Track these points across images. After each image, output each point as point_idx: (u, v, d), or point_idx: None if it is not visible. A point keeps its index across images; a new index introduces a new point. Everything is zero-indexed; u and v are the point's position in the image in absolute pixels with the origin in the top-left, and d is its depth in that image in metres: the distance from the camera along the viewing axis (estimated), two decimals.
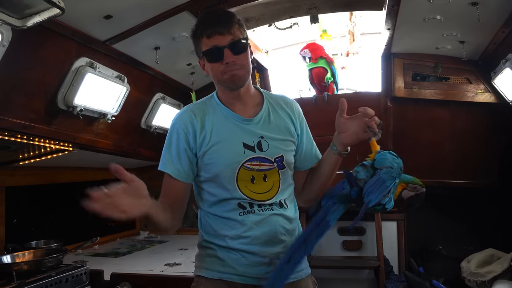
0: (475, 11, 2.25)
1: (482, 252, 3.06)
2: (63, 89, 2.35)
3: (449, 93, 3.27)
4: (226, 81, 1.41)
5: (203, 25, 1.41)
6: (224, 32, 1.37)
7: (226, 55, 1.37)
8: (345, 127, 1.38)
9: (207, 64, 1.43)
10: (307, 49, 3.58)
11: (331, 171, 1.49)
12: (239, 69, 1.39)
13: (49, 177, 3.22)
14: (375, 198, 1.23)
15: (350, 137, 1.38)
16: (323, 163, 1.51)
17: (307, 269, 1.51)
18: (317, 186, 1.55)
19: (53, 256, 2.31)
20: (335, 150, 1.43)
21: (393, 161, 1.32)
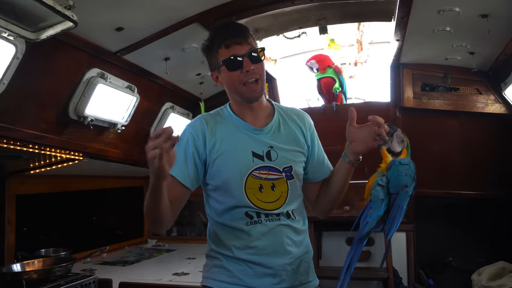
0: (485, 23, 2.24)
1: (494, 264, 3.01)
2: (75, 100, 2.38)
3: (459, 103, 3.25)
4: (245, 93, 1.43)
5: (219, 36, 1.44)
6: (242, 42, 1.41)
7: (246, 63, 1.39)
8: (355, 136, 1.39)
9: (226, 74, 1.44)
10: (314, 60, 3.59)
11: (344, 181, 1.48)
12: (257, 80, 1.41)
13: (59, 186, 3.25)
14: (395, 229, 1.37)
15: (361, 146, 1.38)
16: (335, 173, 1.50)
17: (314, 281, 1.50)
18: (331, 197, 1.54)
19: (63, 265, 2.33)
20: (347, 160, 1.42)
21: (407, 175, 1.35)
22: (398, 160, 1.38)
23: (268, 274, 1.38)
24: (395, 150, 1.41)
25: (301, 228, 1.48)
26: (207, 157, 1.44)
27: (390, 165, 1.38)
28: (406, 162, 1.38)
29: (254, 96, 1.44)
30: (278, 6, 2.49)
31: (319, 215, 1.62)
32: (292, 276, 1.41)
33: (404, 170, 1.35)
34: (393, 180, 1.36)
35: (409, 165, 1.37)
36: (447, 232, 3.58)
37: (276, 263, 1.38)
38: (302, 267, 1.45)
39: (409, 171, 1.36)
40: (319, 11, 2.77)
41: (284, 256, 1.40)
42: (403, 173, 1.35)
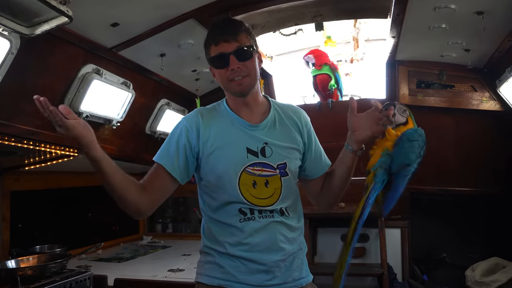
0: (481, 20, 2.25)
1: (487, 260, 3.04)
2: (70, 96, 2.37)
3: (454, 100, 3.26)
4: (232, 88, 1.45)
5: (211, 33, 1.47)
6: (230, 40, 1.41)
7: (232, 61, 1.40)
8: (357, 124, 1.39)
9: (215, 71, 1.48)
10: (312, 54, 3.59)
11: (348, 172, 1.48)
12: (244, 76, 1.42)
13: (54, 182, 3.24)
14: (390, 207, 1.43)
15: (365, 133, 1.38)
16: (339, 165, 1.50)
17: (308, 277, 1.51)
18: (336, 189, 1.54)
19: (57, 262, 2.33)
20: (350, 149, 1.43)
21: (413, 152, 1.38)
22: (407, 135, 1.40)
23: (261, 270, 1.39)
24: (400, 121, 1.44)
25: (295, 225, 1.49)
26: (200, 150, 1.44)
27: (397, 142, 1.40)
28: (414, 137, 1.39)
29: (240, 91, 1.44)
30: (274, 2, 2.49)
31: (323, 208, 1.64)
32: (285, 273, 1.42)
33: (410, 147, 1.37)
34: (397, 158, 1.38)
35: (418, 141, 1.39)
36: (442, 228, 3.61)
37: (269, 260, 1.39)
38: (295, 264, 1.45)
39: (416, 148, 1.38)
40: (315, 8, 2.76)
41: (277, 252, 1.41)
42: (408, 151, 1.37)
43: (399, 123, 1.45)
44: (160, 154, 1.46)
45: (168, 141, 1.47)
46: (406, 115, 1.47)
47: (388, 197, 1.43)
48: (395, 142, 1.41)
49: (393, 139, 1.42)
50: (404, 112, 1.47)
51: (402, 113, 1.46)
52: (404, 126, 1.45)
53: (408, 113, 1.48)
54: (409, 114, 1.48)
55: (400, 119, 1.45)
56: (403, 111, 1.47)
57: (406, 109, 1.48)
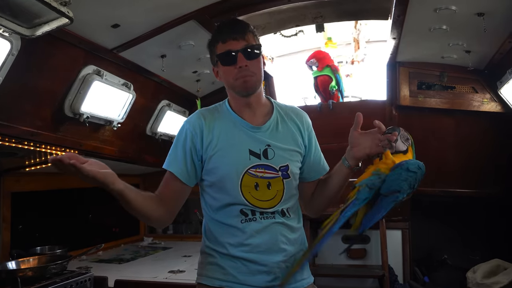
0: (481, 21, 2.25)
1: (488, 262, 3.04)
2: (70, 97, 2.37)
3: (455, 102, 3.26)
4: (237, 86, 1.44)
5: (218, 31, 1.46)
6: (238, 38, 1.41)
7: (240, 59, 1.40)
8: (358, 141, 1.39)
9: (221, 68, 1.46)
10: (314, 58, 3.58)
11: (341, 184, 1.48)
12: (251, 75, 1.42)
13: (54, 183, 3.24)
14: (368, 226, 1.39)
15: (362, 152, 1.38)
16: (333, 175, 1.50)
17: (309, 278, 1.51)
18: (326, 199, 1.55)
19: (58, 263, 2.32)
20: (346, 164, 1.42)
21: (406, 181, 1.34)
22: (408, 165, 1.37)
23: (262, 271, 1.39)
24: (400, 149, 1.43)
25: (296, 226, 1.48)
26: (203, 153, 1.44)
27: (396, 167, 1.38)
28: (414, 169, 1.36)
29: (246, 89, 1.44)
30: (275, 3, 2.50)
31: (311, 214, 1.62)
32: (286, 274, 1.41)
33: (406, 176, 1.35)
34: (390, 182, 1.35)
35: (416, 174, 1.36)
36: (442, 230, 3.60)
37: (270, 261, 1.39)
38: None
39: (412, 179, 1.35)
40: (316, 9, 2.77)
41: (278, 253, 1.40)
42: (403, 179, 1.34)
43: (399, 150, 1.43)
44: (168, 161, 1.47)
45: (175, 147, 1.47)
46: (408, 144, 1.45)
47: (368, 216, 1.40)
48: (392, 166, 1.39)
49: (389, 163, 1.39)
50: (407, 140, 1.45)
51: (404, 141, 1.44)
52: (403, 155, 1.43)
53: (410, 143, 1.46)
54: (410, 144, 1.46)
55: (400, 147, 1.43)
56: (406, 140, 1.45)
57: (409, 138, 1.45)
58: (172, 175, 1.43)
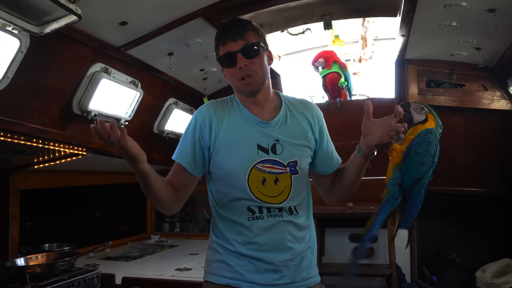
0: (493, 17, 2.22)
1: (498, 262, 3.01)
2: (78, 94, 2.37)
3: (464, 100, 3.23)
4: (241, 87, 1.45)
5: (219, 34, 1.47)
6: (237, 38, 1.41)
7: (239, 59, 1.40)
8: (370, 130, 1.38)
9: (224, 71, 1.48)
10: (322, 58, 3.56)
11: (358, 174, 1.47)
12: (252, 74, 1.41)
13: (63, 181, 3.26)
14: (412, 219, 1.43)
15: (375, 140, 1.36)
16: (350, 165, 1.49)
17: (316, 277, 1.50)
18: (346, 188, 1.55)
19: (66, 260, 2.33)
20: (361, 154, 1.41)
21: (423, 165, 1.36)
22: (414, 147, 1.37)
23: (269, 269, 1.39)
24: (418, 120, 1.44)
25: (304, 224, 1.48)
26: (211, 145, 1.44)
27: (405, 156, 1.38)
28: (422, 148, 1.37)
29: (249, 90, 1.45)
30: (283, 0, 2.47)
31: (332, 202, 1.64)
32: (294, 272, 1.41)
33: (418, 160, 1.35)
34: (407, 174, 1.35)
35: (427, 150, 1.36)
36: (451, 229, 3.57)
37: (277, 259, 1.39)
38: (304, 263, 1.45)
39: (426, 158, 1.35)
40: (324, 6, 2.75)
41: (285, 252, 1.40)
42: (418, 164, 1.34)
43: (417, 121, 1.44)
44: (177, 152, 1.48)
45: (184, 137, 1.49)
46: (425, 112, 1.45)
47: (406, 212, 1.41)
48: (402, 156, 1.39)
49: (399, 155, 1.39)
50: (422, 109, 1.45)
51: (420, 111, 1.45)
52: (422, 125, 1.43)
53: (428, 110, 1.46)
54: (428, 111, 1.46)
55: (418, 118, 1.44)
56: (421, 109, 1.45)
57: (424, 107, 1.46)
58: (180, 166, 1.45)
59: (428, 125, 1.43)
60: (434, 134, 1.40)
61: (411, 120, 1.43)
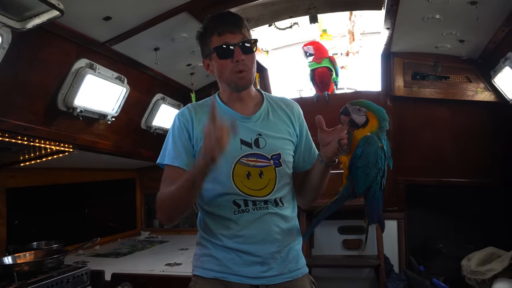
0: (474, 10, 2.25)
1: (483, 250, 3.06)
2: (63, 91, 2.36)
3: (449, 92, 3.27)
4: (233, 80, 1.44)
5: (214, 23, 1.44)
6: (235, 31, 1.41)
7: (237, 53, 1.40)
8: (326, 140, 1.36)
9: (216, 62, 1.44)
10: (312, 46, 3.57)
11: (321, 180, 1.47)
12: (247, 70, 1.42)
13: (49, 178, 3.23)
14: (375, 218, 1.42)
15: (330, 151, 1.35)
16: (313, 172, 1.49)
17: (303, 269, 1.51)
18: (311, 194, 1.55)
19: (54, 257, 2.32)
20: (322, 162, 1.41)
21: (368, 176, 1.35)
22: (355, 161, 1.35)
23: (257, 262, 1.39)
24: (361, 122, 1.38)
25: (290, 216, 1.49)
26: (195, 144, 1.45)
27: (349, 170, 1.37)
28: (364, 161, 1.33)
29: (242, 85, 1.45)
30: None
31: (302, 205, 1.63)
32: (281, 264, 1.42)
33: (362, 172, 1.34)
34: (356, 184, 1.36)
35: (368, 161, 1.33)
36: (438, 219, 3.63)
37: (264, 251, 1.40)
38: (291, 255, 1.46)
39: (368, 169, 1.33)
40: (310, 0, 2.76)
41: (272, 244, 1.41)
42: (362, 176, 1.34)
43: (360, 125, 1.38)
44: (171, 156, 1.45)
45: (172, 141, 1.46)
46: (364, 112, 1.37)
47: (367, 212, 1.41)
48: (348, 168, 1.37)
49: (345, 167, 1.38)
50: (360, 110, 1.37)
51: (358, 113, 1.38)
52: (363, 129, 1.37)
53: (366, 108, 1.37)
54: (367, 108, 1.37)
55: (359, 120, 1.38)
56: (358, 110, 1.37)
57: (360, 106, 1.37)
58: (180, 170, 1.42)
59: (368, 128, 1.37)
60: (371, 142, 1.34)
61: (356, 124, 1.38)
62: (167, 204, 1.39)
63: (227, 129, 1.19)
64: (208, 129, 1.19)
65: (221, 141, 1.18)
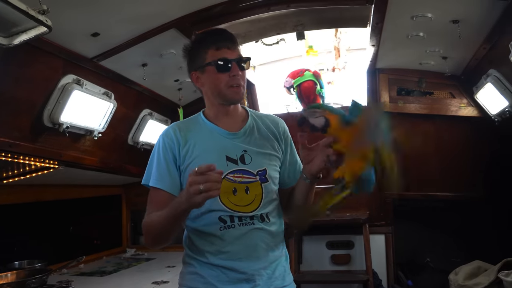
0: (457, 28, 2.32)
1: (470, 264, 3.09)
2: (49, 107, 2.32)
3: (434, 107, 3.34)
4: (228, 94, 1.45)
5: (211, 38, 1.47)
6: (232, 48, 1.45)
7: (234, 68, 1.42)
8: (309, 158, 1.36)
9: (211, 75, 1.44)
10: (288, 77, 3.64)
11: (306, 198, 1.46)
12: (241, 86, 1.45)
13: (34, 195, 3.16)
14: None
15: (315, 166, 1.34)
16: (297, 190, 1.49)
17: (290, 285, 1.50)
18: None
19: (37, 277, 2.27)
20: (306, 180, 1.40)
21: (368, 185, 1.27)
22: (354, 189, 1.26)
23: (242, 279, 1.38)
24: (320, 124, 1.33)
25: (277, 231, 1.48)
26: (181, 164, 1.44)
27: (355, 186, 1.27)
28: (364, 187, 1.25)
29: (235, 99, 1.47)
30: (255, 11, 2.51)
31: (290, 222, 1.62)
32: (267, 281, 1.40)
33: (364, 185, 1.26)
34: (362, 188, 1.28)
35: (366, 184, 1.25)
36: (425, 233, 3.65)
37: (250, 268, 1.38)
38: (277, 271, 1.44)
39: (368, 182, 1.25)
40: (297, 17, 2.81)
41: (258, 260, 1.40)
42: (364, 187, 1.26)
43: (321, 127, 1.31)
44: (154, 178, 1.44)
45: (157, 163, 1.45)
46: (319, 114, 1.32)
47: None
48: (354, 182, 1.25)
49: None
50: (314, 113, 1.32)
51: (314, 115, 1.33)
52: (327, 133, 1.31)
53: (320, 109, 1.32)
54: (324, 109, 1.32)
55: (318, 122, 1.32)
56: (313, 113, 1.33)
57: (311, 111, 1.33)
58: (164, 192, 1.42)
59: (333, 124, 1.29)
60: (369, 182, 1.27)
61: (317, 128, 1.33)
62: (153, 234, 1.41)
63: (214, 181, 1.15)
64: (193, 180, 1.15)
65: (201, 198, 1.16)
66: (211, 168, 1.14)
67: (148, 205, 1.44)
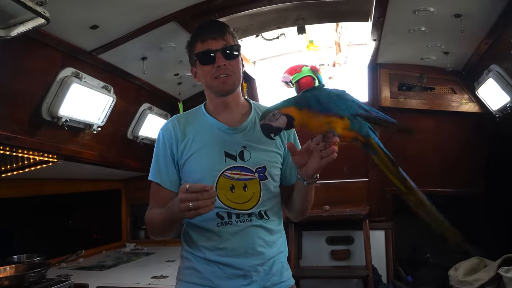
0: (459, 22, 2.30)
1: (469, 260, 3.08)
2: (48, 100, 2.31)
3: (434, 103, 3.32)
4: (215, 85, 1.43)
5: (198, 31, 1.47)
6: (218, 38, 1.42)
7: (218, 58, 1.40)
8: (302, 162, 1.31)
9: (199, 68, 1.45)
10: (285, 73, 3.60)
11: (305, 198, 1.45)
12: (230, 75, 1.42)
13: (33, 189, 3.15)
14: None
15: (312, 167, 1.30)
16: (295, 191, 1.46)
17: (288, 281, 1.49)
18: (299, 209, 1.51)
19: (36, 271, 2.26)
20: (304, 182, 1.36)
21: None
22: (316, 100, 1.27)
23: (239, 275, 1.37)
24: (283, 124, 1.27)
25: (275, 228, 1.46)
26: (179, 158, 1.44)
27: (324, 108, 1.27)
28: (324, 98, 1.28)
29: (224, 89, 1.44)
30: (255, 5, 2.49)
31: (292, 218, 1.61)
32: (264, 277, 1.40)
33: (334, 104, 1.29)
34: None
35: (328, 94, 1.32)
36: (425, 229, 3.62)
37: (246, 264, 1.38)
38: (275, 268, 1.43)
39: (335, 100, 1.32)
40: (297, 11, 2.78)
41: (254, 257, 1.39)
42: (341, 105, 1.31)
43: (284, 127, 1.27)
44: (153, 172, 1.47)
45: (156, 157, 1.47)
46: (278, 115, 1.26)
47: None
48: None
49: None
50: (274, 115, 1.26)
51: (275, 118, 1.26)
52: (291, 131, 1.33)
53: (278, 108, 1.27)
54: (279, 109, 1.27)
55: (280, 123, 1.26)
56: (273, 116, 1.26)
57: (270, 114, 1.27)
58: (161, 187, 1.44)
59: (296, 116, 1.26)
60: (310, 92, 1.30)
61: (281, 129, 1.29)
62: (154, 229, 1.46)
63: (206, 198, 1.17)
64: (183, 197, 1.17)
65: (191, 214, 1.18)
66: (205, 189, 1.16)
67: (150, 198, 1.48)
